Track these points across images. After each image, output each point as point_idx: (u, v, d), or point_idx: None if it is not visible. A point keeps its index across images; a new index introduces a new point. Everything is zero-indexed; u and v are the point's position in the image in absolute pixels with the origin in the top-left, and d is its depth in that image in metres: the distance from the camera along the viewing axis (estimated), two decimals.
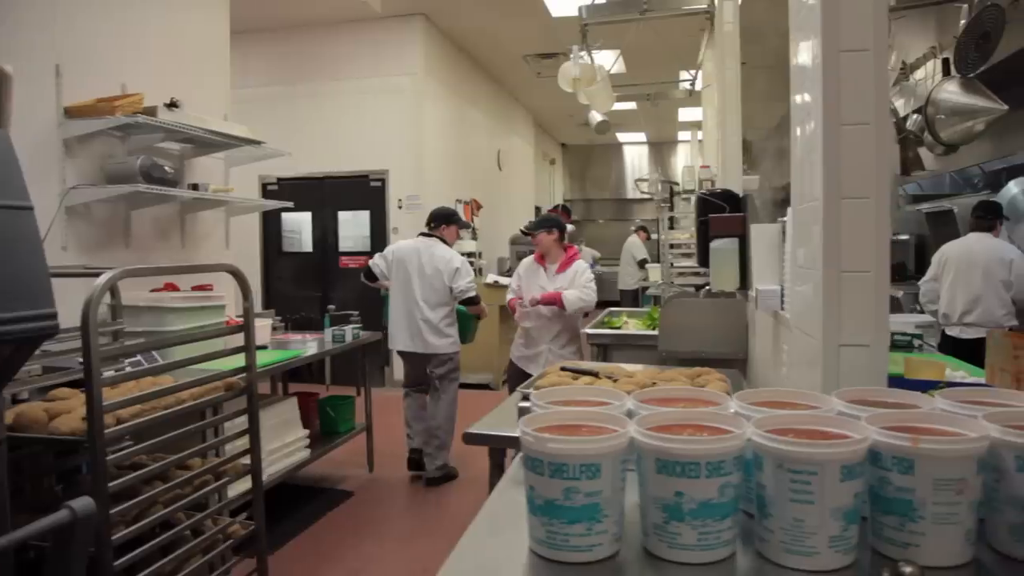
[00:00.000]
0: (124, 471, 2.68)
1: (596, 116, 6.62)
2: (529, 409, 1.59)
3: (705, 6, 4.92)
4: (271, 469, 4.47)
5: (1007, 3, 3.42)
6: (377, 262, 5.94)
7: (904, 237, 9.81)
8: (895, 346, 4.15)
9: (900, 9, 3.78)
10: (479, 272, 10.04)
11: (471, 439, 2.62)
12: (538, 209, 16.28)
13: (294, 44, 9.71)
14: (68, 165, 4.30)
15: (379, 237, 9.43)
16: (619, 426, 1.38)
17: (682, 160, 17.87)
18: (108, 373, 2.92)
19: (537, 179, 16.81)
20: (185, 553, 2.67)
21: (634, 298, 12.60)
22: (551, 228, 5.49)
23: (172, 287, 4.49)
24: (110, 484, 2.36)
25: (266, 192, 9.70)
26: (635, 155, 20.19)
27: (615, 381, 2.69)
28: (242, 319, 5.09)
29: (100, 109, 4.22)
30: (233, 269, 3.05)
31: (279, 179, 9.69)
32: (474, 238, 10.68)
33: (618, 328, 5.30)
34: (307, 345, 5.07)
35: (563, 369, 2.93)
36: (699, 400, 1.64)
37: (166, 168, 4.46)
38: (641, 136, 18.91)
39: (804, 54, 2.12)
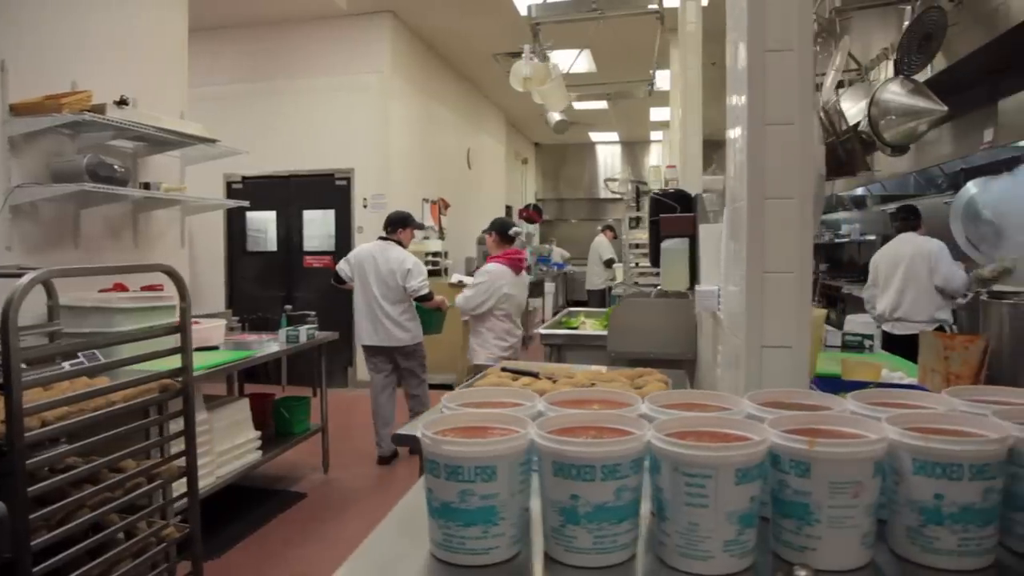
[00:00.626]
0: (57, 474, 2.63)
1: (555, 115, 6.61)
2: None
3: (656, 6, 4.91)
4: (221, 471, 4.43)
5: (951, 6, 3.44)
6: (342, 266, 6.45)
7: (871, 238, 9.90)
8: (846, 346, 4.20)
9: (846, 10, 3.78)
10: (444, 272, 10.02)
11: (399, 440, 2.60)
12: (509, 208, 16.27)
13: (260, 41, 9.64)
14: (13, 163, 4.23)
15: (344, 236, 9.40)
16: (523, 428, 1.36)
17: (655, 160, 17.93)
18: (47, 374, 2.87)
19: (509, 178, 16.78)
20: (114, 556, 2.62)
21: (602, 298, 12.64)
22: (491, 231, 6.07)
23: (121, 287, 4.44)
24: (31, 488, 2.31)
25: (231, 191, 9.63)
26: (608, 155, 20.21)
27: (555, 382, 2.68)
28: (196, 320, 5.11)
29: (47, 107, 4.15)
30: (168, 269, 3.01)
31: (244, 177, 9.63)
32: (441, 237, 10.65)
33: (575, 328, 5.30)
34: (259, 346, 5.03)
35: (504, 370, 2.92)
36: (612, 402, 1.62)
37: (115, 167, 4.39)
38: (614, 136, 18.95)
39: (736, 55, 2.12)
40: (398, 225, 6.49)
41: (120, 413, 2.77)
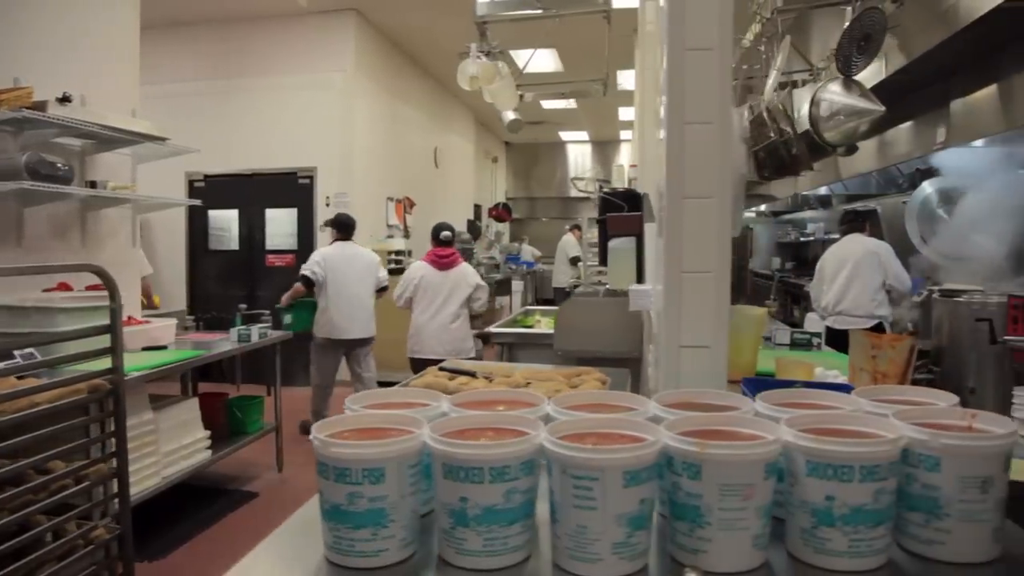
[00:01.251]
0: None
1: (509, 114, 6.62)
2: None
3: (602, 4, 4.88)
4: (167, 471, 4.38)
5: (893, 7, 3.46)
6: (316, 270, 6.65)
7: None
8: (795, 344, 4.22)
9: (788, 11, 3.79)
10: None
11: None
12: (478, 207, 16.25)
13: (223, 39, 9.57)
14: None
15: (306, 235, 9.34)
16: (417, 430, 1.35)
17: (625, 159, 17.94)
18: None
19: (478, 177, 16.75)
20: (40, 558, 2.58)
21: (567, 296, 12.62)
22: None
23: (65, 287, 4.37)
24: None
25: (193, 189, 9.57)
26: (579, 154, 20.20)
27: (491, 381, 2.66)
28: (147, 320, 5.06)
29: None
30: (97, 269, 2.95)
31: (206, 176, 9.56)
32: (406, 236, 10.62)
33: (530, 327, 5.29)
34: (209, 345, 4.99)
35: (441, 369, 2.90)
36: (519, 402, 1.61)
37: (57, 165, 4.31)
38: (584, 135, 18.96)
39: (661, 55, 2.11)
40: (353, 228, 7.00)
41: (47, 414, 2.72)
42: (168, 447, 4.41)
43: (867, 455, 1.24)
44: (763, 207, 13.24)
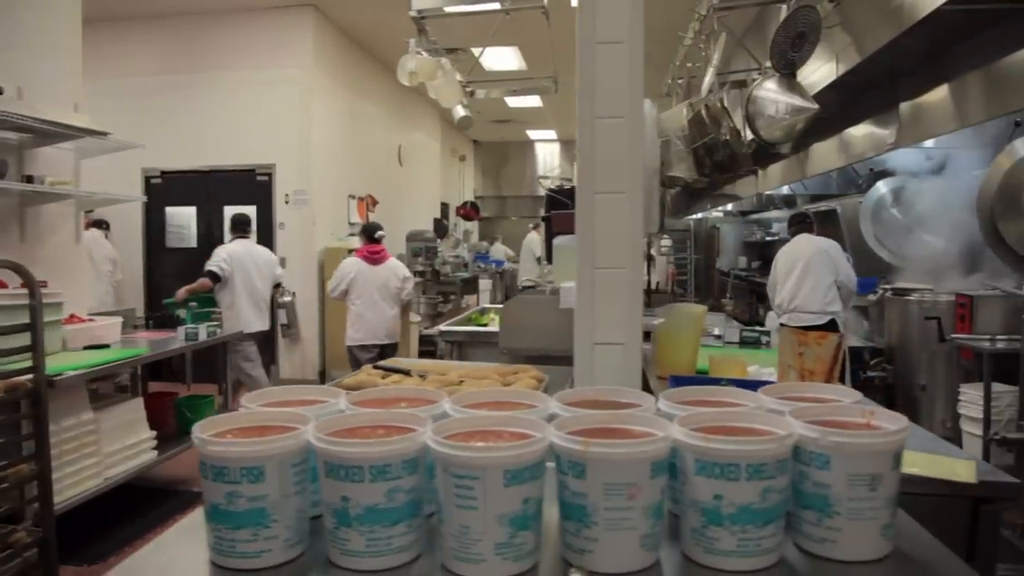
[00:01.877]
0: None
1: (459, 110, 6.60)
2: None
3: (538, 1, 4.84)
4: (110, 472, 4.31)
5: (831, 7, 3.46)
6: (223, 266, 6.97)
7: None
8: (744, 342, 4.23)
9: (724, 8, 3.79)
10: None
11: None
12: (444, 206, 16.19)
13: (180, 34, 9.46)
14: None
15: (265, 232, 9.21)
16: (304, 427, 1.32)
17: None
18: None
19: (446, 175, 16.66)
20: None
21: None
22: None
23: (0, 284, 4.28)
24: None
25: (149, 185, 9.47)
26: (548, 152, 20.18)
27: (424, 378, 2.63)
28: (91, 319, 4.98)
29: None
30: (14, 265, 2.89)
31: (163, 172, 9.47)
32: None
33: (484, 325, 5.26)
34: (154, 344, 4.92)
35: (375, 367, 2.88)
36: (423, 400, 1.58)
37: None
38: (552, 134, 18.93)
39: None
40: (248, 225, 7.48)
41: None
42: (111, 447, 4.34)
43: (753, 453, 1.22)
44: (729, 206, 13.30)
